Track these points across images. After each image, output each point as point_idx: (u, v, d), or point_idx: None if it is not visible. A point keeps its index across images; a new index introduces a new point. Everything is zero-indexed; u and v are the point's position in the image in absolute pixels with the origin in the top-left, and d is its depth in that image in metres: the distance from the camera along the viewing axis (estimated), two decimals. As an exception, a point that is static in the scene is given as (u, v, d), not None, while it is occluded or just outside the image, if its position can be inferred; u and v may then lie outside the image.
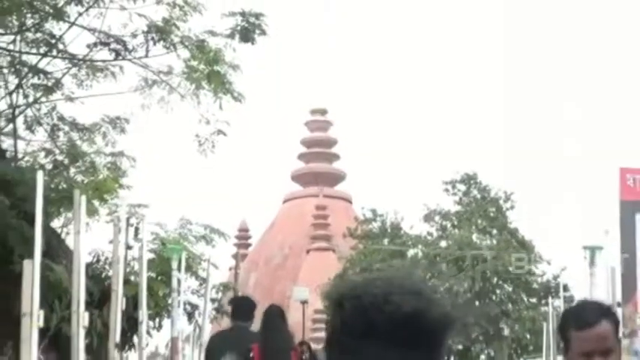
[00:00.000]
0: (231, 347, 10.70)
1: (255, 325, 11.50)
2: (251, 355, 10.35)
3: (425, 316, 1.89)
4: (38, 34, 14.84)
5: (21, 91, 15.05)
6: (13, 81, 14.97)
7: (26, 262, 9.52)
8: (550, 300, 25.39)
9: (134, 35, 14.95)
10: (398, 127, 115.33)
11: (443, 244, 43.28)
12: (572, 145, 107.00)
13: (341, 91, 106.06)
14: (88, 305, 11.31)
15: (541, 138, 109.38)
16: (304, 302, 37.98)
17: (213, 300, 18.99)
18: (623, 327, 14.61)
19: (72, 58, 15.25)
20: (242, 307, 11.67)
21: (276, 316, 10.94)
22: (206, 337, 18.23)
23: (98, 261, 14.84)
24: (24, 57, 15.01)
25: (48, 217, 12.34)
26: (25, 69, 14.96)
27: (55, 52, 15.05)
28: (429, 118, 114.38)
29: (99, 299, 12.66)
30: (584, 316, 3.58)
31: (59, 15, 14.61)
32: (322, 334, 15.05)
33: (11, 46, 14.84)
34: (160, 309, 15.67)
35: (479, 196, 44.22)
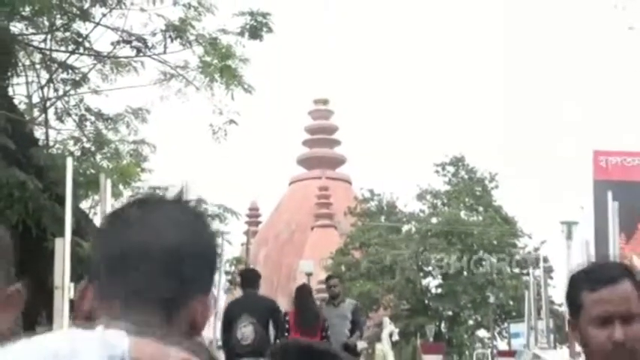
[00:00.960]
0: (245, 310, 11.50)
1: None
2: (287, 318, 11.79)
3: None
4: (67, 34, 14.83)
5: (51, 85, 15.03)
6: (44, 76, 14.95)
7: (58, 240, 9.54)
8: (531, 270, 25.41)
9: (153, 34, 14.94)
10: (394, 115, 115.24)
11: (434, 220, 43.31)
12: (552, 131, 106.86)
13: (341, 82, 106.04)
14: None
15: (525, 126, 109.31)
16: (309, 274, 38.01)
17: (227, 272, 19.08)
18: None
19: (97, 55, 15.23)
20: (250, 277, 12.68)
21: (307, 291, 12.73)
22: (221, 306, 18.31)
23: (123, 238, 14.88)
24: (54, 54, 14.99)
25: (77, 199, 12.35)
26: (55, 65, 14.95)
27: (82, 50, 15.03)
28: (421, 105, 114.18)
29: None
30: (599, 273, 2.62)
31: (85, 16, 14.60)
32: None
33: (42, 45, 14.84)
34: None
35: (466, 176, 44.30)
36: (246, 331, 11.25)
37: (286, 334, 11.67)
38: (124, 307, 1.70)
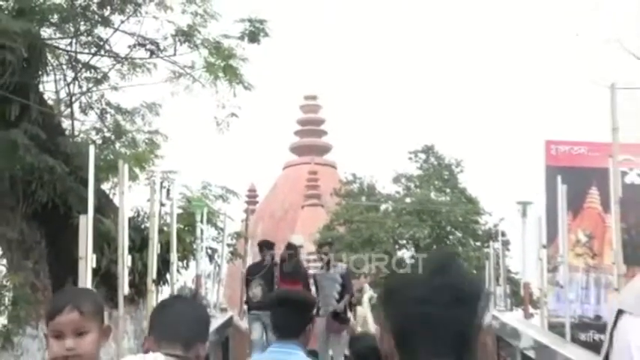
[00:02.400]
0: (259, 272, 13.13)
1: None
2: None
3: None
4: (89, 38, 14.78)
5: (76, 82, 14.99)
6: (70, 75, 14.91)
7: (82, 217, 9.53)
8: (491, 243, 25.45)
9: (165, 38, 14.91)
10: (374, 109, 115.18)
11: (408, 200, 43.32)
12: (510, 122, 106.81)
13: (328, 79, 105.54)
14: (131, 250, 11.35)
15: (487, 118, 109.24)
16: (300, 246, 38.05)
17: (229, 245, 19.02)
18: (547, 263, 14.71)
19: (116, 57, 15.19)
20: (265, 246, 13.98)
21: (290, 249, 13.80)
22: (224, 275, 18.30)
23: (138, 215, 14.83)
24: (78, 56, 14.94)
25: (98, 181, 12.35)
26: (80, 65, 14.90)
27: (103, 52, 15.00)
28: (397, 100, 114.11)
29: (139, 245, 12.70)
30: None
31: (106, 22, 14.56)
32: (312, 271, 15.39)
33: (68, 48, 14.79)
34: (187, 252, 15.71)
35: (436, 162, 44.26)
36: (256, 290, 12.80)
37: (276, 286, 12.43)
38: (164, 345, 3.25)
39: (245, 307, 13.41)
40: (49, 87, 14.79)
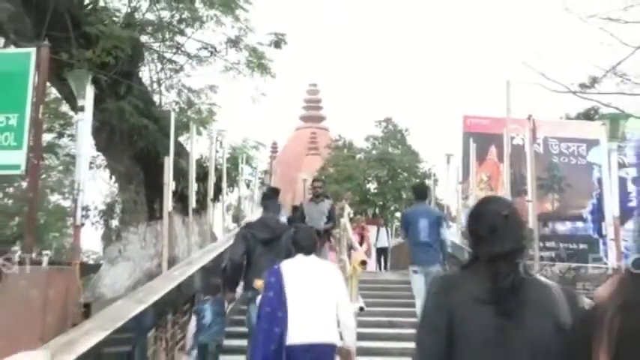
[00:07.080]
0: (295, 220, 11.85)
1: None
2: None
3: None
4: (172, 42, 14.61)
5: (163, 71, 14.86)
6: (159, 66, 14.78)
7: (166, 158, 9.54)
8: (426, 180, 25.47)
9: (220, 43, 14.74)
10: (353, 92, 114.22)
11: (374, 152, 43.30)
12: (444, 103, 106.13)
13: (325, 72, 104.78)
14: (197, 180, 11.39)
15: (427, 96, 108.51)
16: (305, 180, 38.31)
17: (259, 178, 19.06)
18: (462, 194, 14.75)
19: (188, 55, 15.03)
20: (296, 208, 13.00)
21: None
22: (256, 197, 18.33)
23: (202, 158, 14.82)
24: (164, 54, 14.80)
25: (176, 135, 12.30)
26: (165, 60, 14.76)
27: (180, 52, 14.83)
28: (367, 85, 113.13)
29: (202, 177, 12.71)
30: None
31: (182, 32, 14.37)
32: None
33: (158, 48, 14.64)
34: (232, 182, 15.74)
35: (392, 128, 44.20)
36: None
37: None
38: None
39: None
40: (145, 74, 14.67)
